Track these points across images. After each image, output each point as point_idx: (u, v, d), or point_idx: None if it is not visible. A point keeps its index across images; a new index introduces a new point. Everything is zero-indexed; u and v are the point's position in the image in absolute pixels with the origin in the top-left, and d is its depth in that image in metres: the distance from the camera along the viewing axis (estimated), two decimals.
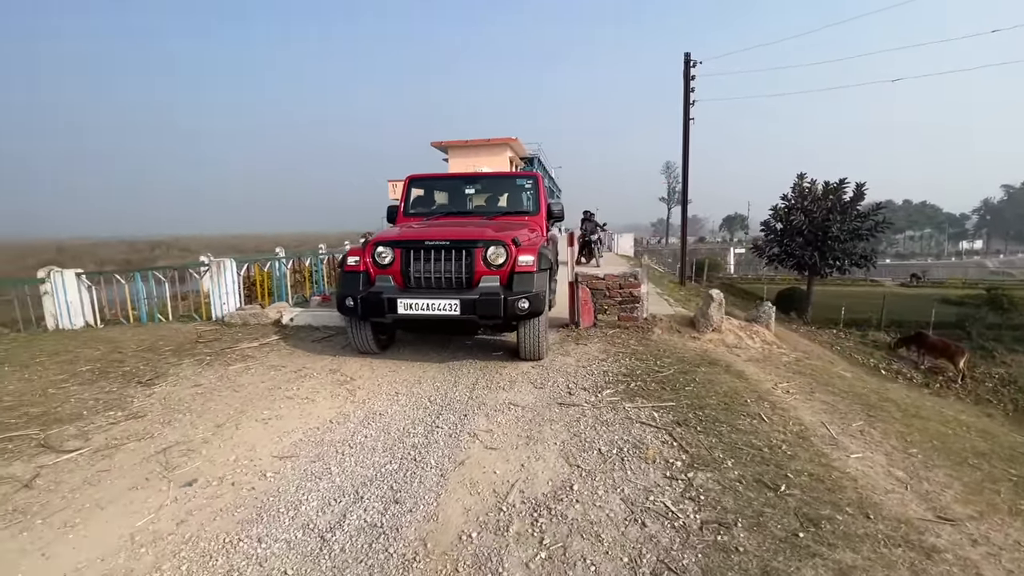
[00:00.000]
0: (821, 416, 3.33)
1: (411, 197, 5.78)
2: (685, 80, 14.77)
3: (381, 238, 4.35)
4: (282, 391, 3.80)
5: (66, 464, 2.71)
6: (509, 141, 24.88)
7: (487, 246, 4.08)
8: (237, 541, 2.06)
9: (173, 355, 4.92)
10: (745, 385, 3.83)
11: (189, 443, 2.95)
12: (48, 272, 6.53)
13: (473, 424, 3.16)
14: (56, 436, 3.05)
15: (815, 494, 2.32)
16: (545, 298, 4.16)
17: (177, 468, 2.66)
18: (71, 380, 4.17)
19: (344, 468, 2.65)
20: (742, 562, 1.87)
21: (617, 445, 2.84)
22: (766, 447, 2.79)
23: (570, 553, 1.96)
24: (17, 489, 2.45)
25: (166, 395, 3.78)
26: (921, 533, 2.06)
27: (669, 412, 3.28)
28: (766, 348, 5.22)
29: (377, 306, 4.00)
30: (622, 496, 2.34)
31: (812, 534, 2.03)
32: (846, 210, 18.90)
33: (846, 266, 19.61)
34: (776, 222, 20.90)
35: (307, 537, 2.09)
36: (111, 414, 3.41)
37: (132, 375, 4.28)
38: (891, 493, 2.38)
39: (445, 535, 2.09)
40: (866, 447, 2.89)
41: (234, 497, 2.39)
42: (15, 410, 3.50)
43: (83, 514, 2.26)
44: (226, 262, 6.86)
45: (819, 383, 4.10)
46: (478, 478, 2.53)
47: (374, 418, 3.29)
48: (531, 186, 5.71)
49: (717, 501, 2.27)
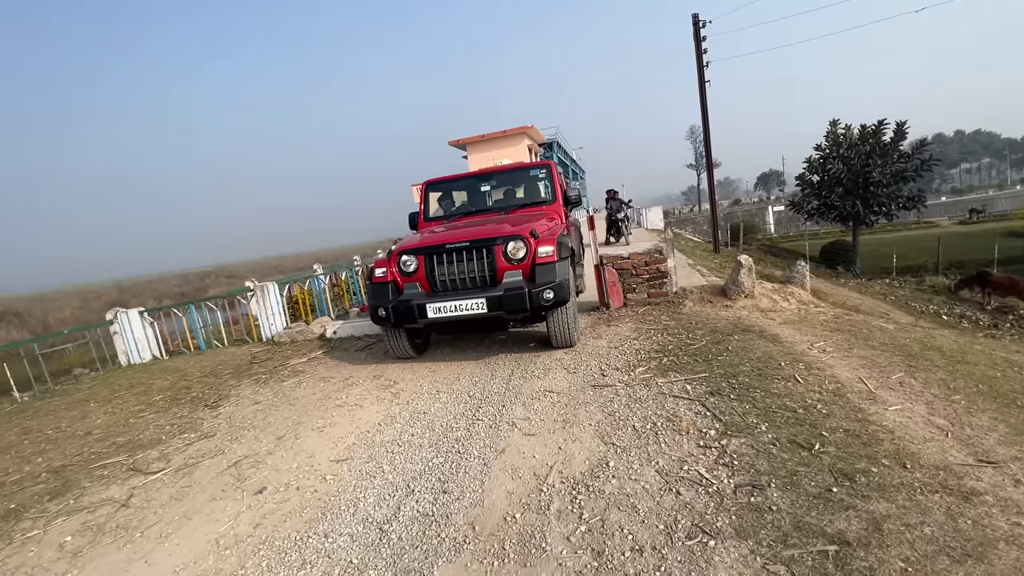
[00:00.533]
0: (859, 372, 3.29)
1: (430, 202, 5.92)
2: (696, 42, 14.30)
3: (404, 247, 4.47)
4: (333, 400, 4.07)
5: (154, 484, 3.04)
6: (526, 130, 24.80)
7: (506, 242, 4.14)
8: (307, 538, 2.29)
9: (232, 377, 5.31)
10: (779, 349, 3.80)
11: (256, 456, 3.24)
12: (115, 313, 7.12)
13: (511, 413, 3.31)
14: (142, 460, 3.42)
15: (850, 450, 2.34)
16: (570, 286, 4.18)
17: (248, 479, 2.94)
18: (148, 409, 4.60)
19: (395, 465, 2.85)
20: (775, 520, 1.93)
21: (651, 420, 2.92)
22: (800, 408, 2.80)
23: (608, 525, 2.07)
24: (117, 508, 2.79)
25: (231, 414, 4.12)
26: (960, 478, 2.06)
27: (702, 383, 3.32)
28: (802, 309, 5.12)
29: (408, 313, 4.14)
30: (657, 468, 2.43)
31: (846, 488, 2.06)
32: (887, 152, 17.88)
33: (893, 211, 18.58)
34: (812, 174, 20.01)
35: (367, 530, 2.30)
36: (186, 436, 3.77)
37: (199, 399, 4.67)
38: (930, 442, 2.37)
39: (491, 518, 2.25)
40: (905, 398, 2.86)
41: (300, 500, 2.63)
42: (105, 440, 3.92)
43: (174, 525, 2.55)
44: (269, 285, 7.28)
45: (858, 338, 4.01)
46: (518, 463, 2.67)
47: (419, 417, 3.49)
48: (545, 175, 5.70)
49: (751, 465, 2.33)
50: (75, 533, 2.60)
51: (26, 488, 3.22)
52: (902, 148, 18.04)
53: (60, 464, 3.55)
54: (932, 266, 18.11)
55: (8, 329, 30.89)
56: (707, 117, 14.66)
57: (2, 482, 3.38)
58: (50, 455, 3.77)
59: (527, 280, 4.11)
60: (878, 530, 1.80)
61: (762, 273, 8.11)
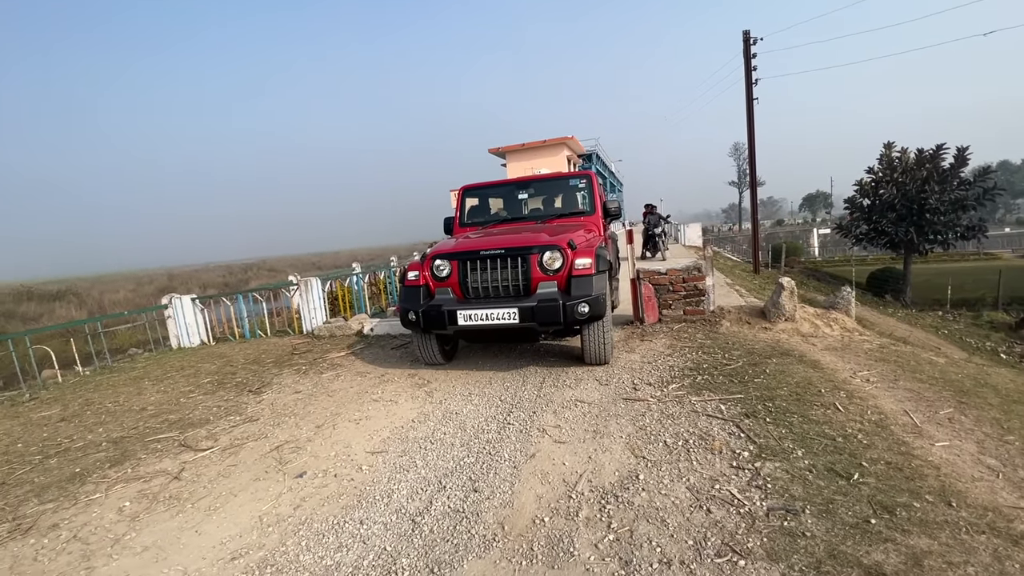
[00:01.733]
0: (904, 404, 3.18)
1: (466, 207, 5.90)
2: (746, 59, 14.09)
3: (438, 251, 4.41)
4: (369, 395, 4.22)
5: (203, 460, 3.24)
6: (566, 140, 24.92)
7: (542, 252, 4.05)
8: (343, 523, 2.40)
9: (275, 366, 5.56)
10: (819, 375, 3.71)
11: (296, 442, 3.40)
12: (170, 299, 7.57)
13: (542, 420, 3.35)
14: (192, 437, 3.63)
15: (892, 482, 2.28)
16: (606, 301, 4.04)
17: (289, 463, 3.09)
18: (196, 391, 4.88)
19: (428, 461, 2.95)
20: (808, 546, 1.91)
21: (683, 437, 2.91)
22: (840, 436, 2.74)
23: (636, 536, 2.09)
24: (170, 480, 2.99)
25: (273, 401, 4.32)
26: (1010, 521, 1.98)
27: (737, 404, 3.28)
28: (845, 336, 4.96)
29: (438, 319, 4.08)
30: (687, 485, 2.43)
31: (885, 521, 2.01)
32: (946, 179, 17.03)
33: (950, 240, 17.64)
34: (862, 198, 19.24)
35: (400, 520, 2.39)
36: (231, 418, 3.98)
37: (244, 385, 4.92)
38: (979, 481, 2.28)
39: (520, 519, 2.30)
40: (954, 435, 2.75)
41: (337, 487, 2.75)
42: (158, 416, 4.18)
43: (221, 500, 2.72)
44: (312, 280, 7.58)
45: (905, 370, 3.87)
46: (548, 469, 2.72)
47: (451, 417, 3.58)
48: (585, 185, 5.63)
49: (785, 489, 2.30)
50: (132, 499, 2.80)
51: (89, 455, 3.48)
52: (963, 175, 17.15)
53: (118, 435, 3.82)
54: (991, 300, 17.07)
55: (68, 308, 32.99)
56: (753, 135, 14.38)
57: (68, 448, 3.66)
58: (109, 426, 4.05)
59: (562, 292, 4.01)
60: (918, 565, 1.76)
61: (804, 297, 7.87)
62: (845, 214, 20.97)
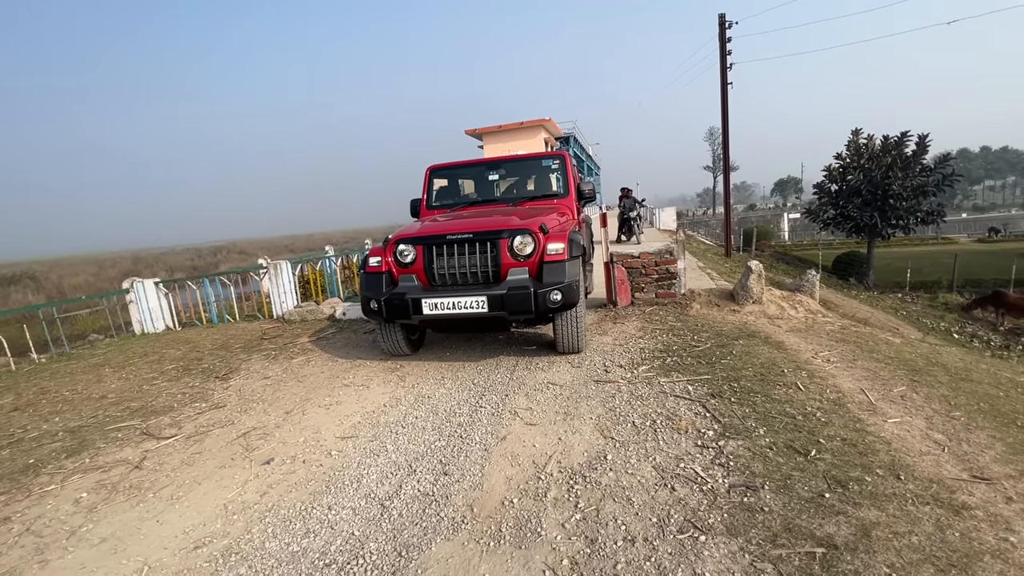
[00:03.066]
0: (861, 383, 3.31)
1: (433, 189, 5.60)
2: (721, 42, 14.15)
3: (401, 235, 4.16)
4: (340, 380, 4.16)
5: (166, 448, 3.15)
6: (543, 122, 24.72)
7: (512, 236, 3.85)
8: (311, 509, 2.38)
9: (243, 351, 5.43)
10: (783, 356, 3.83)
11: (264, 428, 3.34)
12: (131, 283, 7.27)
13: (514, 403, 3.37)
14: (155, 425, 3.53)
15: (846, 458, 2.38)
16: (579, 288, 3.88)
17: (256, 449, 3.04)
18: (160, 377, 4.73)
19: (398, 445, 2.93)
20: (766, 520, 1.98)
21: (651, 418, 2.97)
22: (800, 415, 2.84)
23: (603, 515, 2.14)
24: (130, 470, 2.90)
25: (241, 387, 4.23)
26: (952, 492, 2.09)
27: (704, 385, 3.36)
28: (809, 317, 5.12)
29: (401, 308, 3.86)
30: (653, 464, 2.49)
31: (839, 495, 2.10)
32: (908, 165, 17.59)
33: (911, 224, 18.32)
34: (831, 183, 19.76)
35: (369, 505, 2.38)
36: (197, 405, 3.88)
37: (210, 371, 4.79)
38: (926, 455, 2.40)
39: (490, 501, 2.32)
40: (905, 412, 2.88)
41: (306, 473, 2.72)
42: (119, 404, 4.04)
43: (184, 489, 2.66)
44: (282, 264, 7.39)
45: (863, 350, 4.02)
46: (519, 451, 2.74)
47: (423, 401, 3.57)
48: (558, 166, 5.43)
49: (746, 467, 2.37)
50: (90, 490, 2.71)
51: (44, 445, 3.35)
52: (924, 161, 17.75)
53: (76, 424, 3.68)
54: (947, 283, 17.90)
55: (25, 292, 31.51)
56: (727, 119, 14.53)
57: (21, 438, 3.51)
58: (67, 415, 3.90)
59: (533, 279, 3.83)
60: (866, 536, 1.85)
61: (772, 280, 8.09)
62: (814, 199, 21.52)
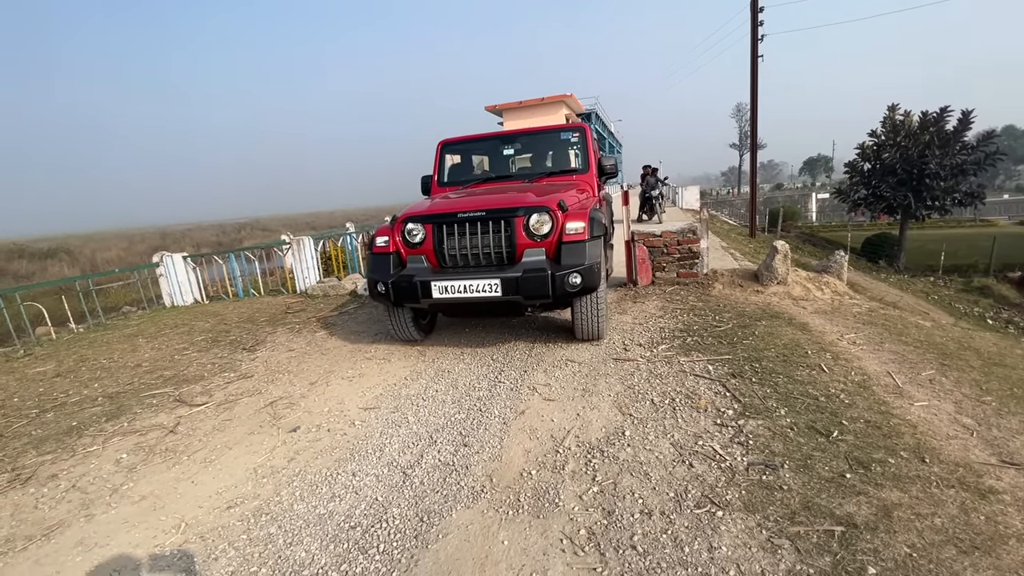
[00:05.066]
0: (888, 366, 3.24)
1: (445, 165, 5.30)
2: (752, 12, 13.55)
3: (410, 213, 3.90)
4: (362, 353, 4.25)
5: (198, 415, 3.29)
6: (564, 98, 24.20)
7: (528, 214, 3.58)
8: (336, 475, 2.47)
9: (268, 324, 5.57)
10: (807, 337, 3.76)
11: (290, 398, 3.44)
12: (161, 257, 7.49)
13: (532, 379, 3.41)
14: (187, 393, 3.68)
15: (869, 440, 2.35)
16: (600, 270, 3.64)
17: (283, 418, 3.15)
18: (191, 348, 4.90)
19: (419, 417, 3.00)
20: (784, 498, 1.98)
21: (670, 396, 2.97)
22: (823, 396, 2.80)
23: (620, 488, 2.16)
24: (166, 434, 3.04)
25: (267, 359, 4.35)
26: (980, 476, 2.05)
27: (724, 365, 3.33)
28: (836, 299, 5.00)
29: (409, 291, 3.63)
30: (672, 441, 2.50)
31: (860, 475, 2.09)
32: (948, 143, 16.79)
33: (948, 206, 17.57)
34: (863, 162, 19.04)
35: (392, 472, 2.45)
36: (226, 375, 4.02)
37: (238, 343, 4.94)
38: (954, 439, 2.35)
39: (508, 472, 2.37)
40: (933, 396, 2.81)
41: (331, 441, 2.81)
42: (153, 373, 4.21)
43: (216, 453, 2.78)
44: (305, 240, 7.51)
45: (891, 333, 3.92)
46: (537, 425, 2.78)
47: (443, 375, 3.63)
48: (578, 139, 5.07)
49: (766, 446, 2.37)
50: (129, 452, 2.85)
51: (85, 409, 3.52)
52: (966, 139, 16.91)
53: (114, 391, 3.86)
54: (983, 267, 17.20)
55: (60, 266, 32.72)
56: (756, 94, 14.02)
57: (64, 402, 3.70)
58: (105, 382, 4.08)
59: (551, 261, 3.56)
60: (887, 516, 1.83)
61: (798, 262, 7.90)
62: (845, 179, 20.77)
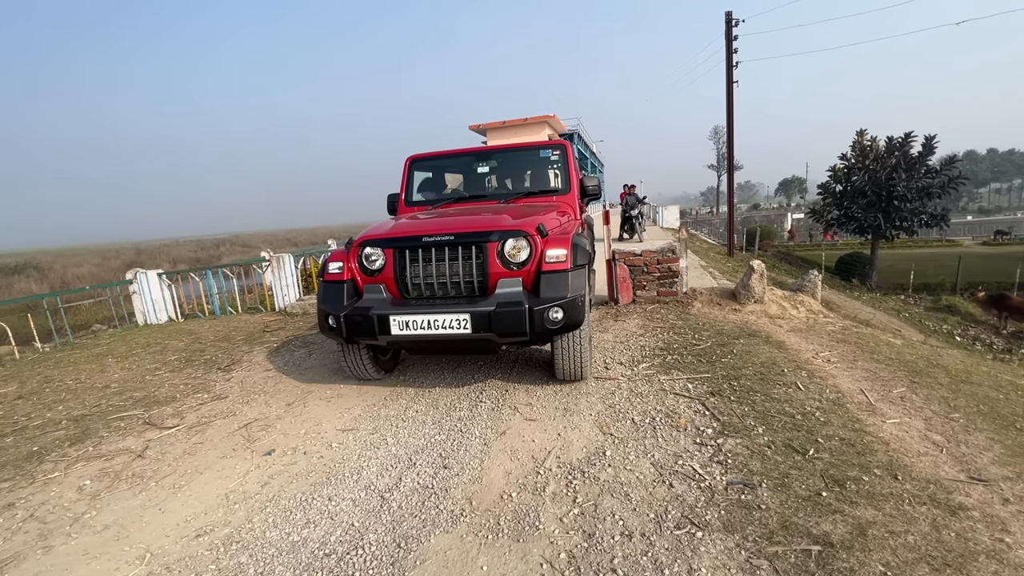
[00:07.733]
0: (861, 384, 3.32)
1: (414, 183, 4.86)
2: (727, 40, 14.08)
3: (368, 236, 3.46)
4: (341, 372, 4.17)
5: (168, 438, 3.18)
6: (547, 118, 24.61)
7: (503, 239, 3.16)
8: (311, 499, 2.40)
9: (245, 343, 5.45)
10: (784, 355, 3.83)
11: (266, 419, 3.36)
12: (135, 274, 7.30)
13: (514, 398, 3.39)
14: (157, 415, 3.56)
15: (844, 457, 2.39)
16: (584, 304, 3.21)
17: (257, 440, 3.06)
18: (163, 368, 4.76)
19: (399, 438, 2.95)
20: (763, 517, 2.00)
21: (650, 415, 2.98)
22: (799, 414, 2.84)
23: (601, 510, 2.15)
24: (133, 459, 2.93)
25: (243, 379, 4.25)
26: (949, 492, 2.10)
27: (704, 383, 3.37)
28: (811, 318, 5.12)
29: (365, 326, 3.15)
30: (652, 461, 2.50)
31: (836, 493, 2.11)
32: (913, 166, 17.52)
33: (915, 227, 18.26)
34: (835, 184, 19.71)
35: (369, 496, 2.40)
36: (199, 396, 3.90)
37: (213, 362, 4.82)
38: (924, 456, 2.41)
39: (488, 494, 2.34)
40: (904, 413, 2.88)
41: (307, 464, 2.74)
42: (122, 394, 4.07)
43: (186, 478, 2.68)
44: (285, 257, 7.41)
45: (863, 351, 4.02)
46: (518, 446, 2.76)
47: (423, 394, 3.59)
48: (559, 157, 4.68)
49: (744, 464, 2.39)
50: (93, 478, 2.74)
51: (48, 433, 3.38)
52: (930, 163, 17.67)
53: (80, 413, 3.71)
54: (950, 285, 17.86)
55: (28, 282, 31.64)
56: (732, 118, 14.48)
57: (25, 426, 3.54)
58: (70, 404, 3.93)
59: (528, 293, 3.12)
60: (862, 535, 1.86)
61: (774, 280, 8.09)
62: (819, 199, 21.46)
